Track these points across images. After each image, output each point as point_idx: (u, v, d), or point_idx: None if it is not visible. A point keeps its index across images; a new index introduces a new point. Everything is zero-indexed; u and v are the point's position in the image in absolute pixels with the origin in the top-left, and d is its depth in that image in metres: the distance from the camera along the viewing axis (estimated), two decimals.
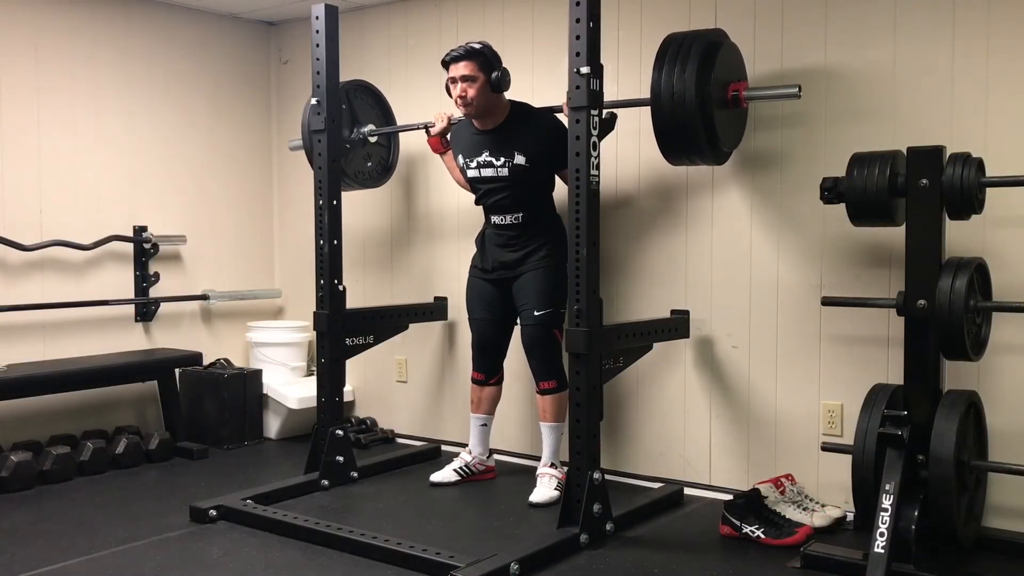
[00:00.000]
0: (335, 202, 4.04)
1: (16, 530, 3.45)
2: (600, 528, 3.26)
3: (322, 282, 4.02)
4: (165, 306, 4.90)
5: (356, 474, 4.04)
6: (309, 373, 5.11)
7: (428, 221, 4.73)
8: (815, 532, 3.26)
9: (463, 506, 3.78)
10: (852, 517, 3.22)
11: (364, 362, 4.80)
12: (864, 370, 3.43)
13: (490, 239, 3.91)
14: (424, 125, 4.20)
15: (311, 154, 4.23)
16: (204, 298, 5.05)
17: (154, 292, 4.86)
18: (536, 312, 3.73)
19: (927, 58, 3.31)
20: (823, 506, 3.43)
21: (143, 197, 4.85)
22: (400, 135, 4.63)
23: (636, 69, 3.93)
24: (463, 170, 3.93)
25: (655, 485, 3.88)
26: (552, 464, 3.80)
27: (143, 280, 4.80)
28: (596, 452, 3.25)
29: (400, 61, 4.82)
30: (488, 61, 3.70)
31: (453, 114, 4.01)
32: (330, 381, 4.04)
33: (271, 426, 4.94)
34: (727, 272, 3.78)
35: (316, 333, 4.08)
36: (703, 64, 3.26)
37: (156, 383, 4.72)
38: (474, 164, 3.85)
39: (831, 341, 3.55)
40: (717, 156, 3.48)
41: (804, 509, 3.39)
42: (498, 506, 3.73)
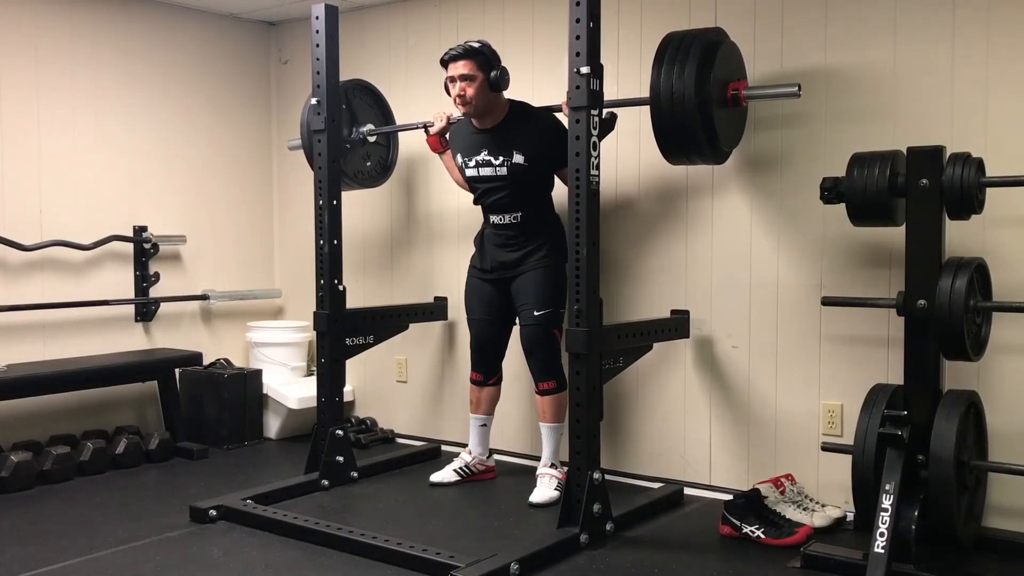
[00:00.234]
0: (335, 202, 4.04)
1: (16, 530, 3.45)
2: (600, 528, 3.26)
3: (322, 282, 4.02)
4: (165, 306, 4.90)
5: (356, 474, 4.04)
6: (309, 373, 5.11)
7: (428, 222, 4.73)
8: (815, 532, 3.26)
9: (463, 506, 3.78)
10: (852, 517, 3.21)
11: (364, 362, 4.80)
12: (864, 370, 3.43)
13: (489, 239, 3.90)
14: (423, 124, 4.20)
15: (310, 154, 4.23)
16: (204, 298, 5.05)
17: (154, 292, 4.86)
18: (536, 312, 3.72)
19: (927, 58, 3.31)
20: (823, 506, 3.43)
21: (143, 197, 4.85)
22: (400, 136, 4.63)
23: (636, 69, 3.93)
24: (462, 169, 3.92)
25: (655, 485, 3.88)
26: (552, 464, 3.80)
27: (143, 280, 4.80)
28: (596, 452, 3.25)
29: (400, 61, 4.82)
30: (487, 60, 3.69)
31: (452, 113, 4.01)
32: (330, 381, 4.04)
33: (271, 426, 4.94)
34: (727, 272, 3.78)
35: (316, 333, 4.08)
36: (702, 63, 3.25)
37: (156, 383, 4.72)
38: (473, 163, 3.84)
39: (831, 341, 3.55)
40: (717, 155, 3.48)
41: (804, 509, 3.39)
42: (498, 506, 3.73)
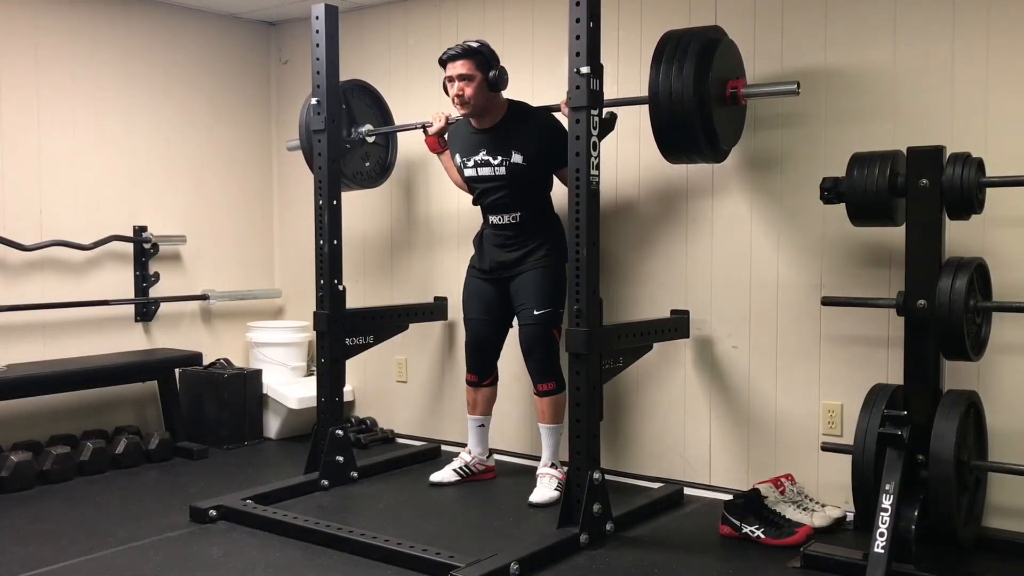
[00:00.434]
0: (335, 202, 4.04)
1: (16, 530, 3.45)
2: (600, 528, 3.26)
3: (322, 282, 4.02)
4: (165, 306, 4.90)
5: (356, 474, 4.04)
6: (309, 373, 5.11)
7: (428, 225, 4.73)
8: (815, 532, 3.26)
9: (463, 506, 3.78)
10: (852, 517, 3.21)
11: (364, 362, 4.80)
12: (864, 370, 3.43)
13: (488, 239, 3.90)
14: (422, 125, 4.20)
15: (309, 154, 4.23)
16: (204, 298, 5.05)
17: (154, 292, 4.86)
18: (535, 311, 3.71)
19: (927, 58, 3.31)
20: (823, 506, 3.43)
21: (143, 197, 4.85)
22: (400, 137, 4.63)
23: (636, 68, 3.93)
24: (460, 169, 3.91)
25: (655, 485, 3.88)
26: (552, 464, 3.79)
27: (143, 280, 4.80)
28: (596, 452, 3.25)
29: (400, 61, 4.82)
30: (485, 60, 3.69)
31: (451, 114, 4.01)
32: (330, 381, 4.04)
33: (271, 426, 4.94)
34: (727, 272, 3.78)
35: (316, 333, 4.08)
36: (701, 61, 3.25)
37: (156, 383, 4.72)
38: (471, 163, 3.84)
39: (831, 341, 3.55)
40: (716, 154, 3.47)
41: (804, 509, 3.39)
42: (498, 506, 3.73)
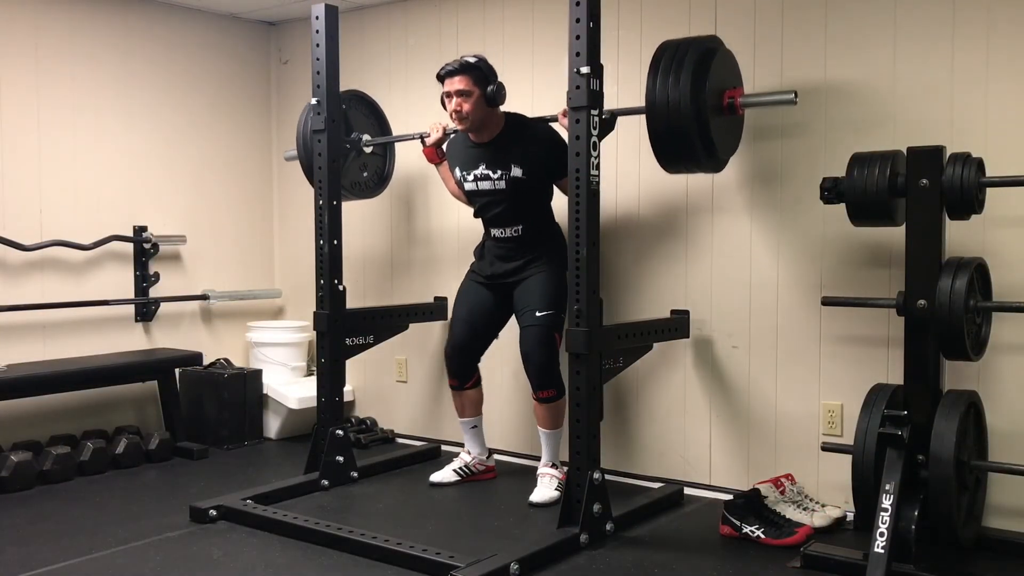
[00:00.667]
0: (335, 202, 4.03)
1: (16, 530, 3.45)
2: (600, 528, 3.26)
3: (322, 282, 4.02)
4: (165, 306, 4.90)
5: (356, 474, 4.04)
6: (309, 373, 5.11)
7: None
8: (815, 532, 3.26)
9: (463, 506, 3.78)
10: (852, 517, 3.22)
11: (364, 362, 4.80)
12: (864, 370, 3.43)
13: (490, 250, 3.89)
14: (420, 135, 4.16)
15: (306, 165, 4.22)
16: (204, 298, 5.05)
17: (154, 292, 4.86)
18: (538, 313, 3.70)
19: (927, 58, 3.31)
20: (823, 506, 3.43)
21: (143, 197, 4.85)
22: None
23: (636, 69, 3.92)
24: (460, 183, 3.90)
25: (655, 485, 3.88)
26: (552, 464, 3.80)
27: (143, 280, 4.80)
28: (596, 452, 3.25)
29: (400, 61, 4.82)
30: (483, 75, 3.66)
31: (448, 124, 3.99)
32: (330, 381, 4.04)
33: (271, 426, 4.94)
34: (727, 272, 3.78)
35: (316, 333, 4.08)
36: (698, 71, 3.23)
37: (156, 383, 4.72)
38: (471, 177, 3.82)
39: (831, 341, 3.55)
40: (714, 164, 3.45)
41: (804, 509, 3.39)
42: (498, 506, 3.73)
